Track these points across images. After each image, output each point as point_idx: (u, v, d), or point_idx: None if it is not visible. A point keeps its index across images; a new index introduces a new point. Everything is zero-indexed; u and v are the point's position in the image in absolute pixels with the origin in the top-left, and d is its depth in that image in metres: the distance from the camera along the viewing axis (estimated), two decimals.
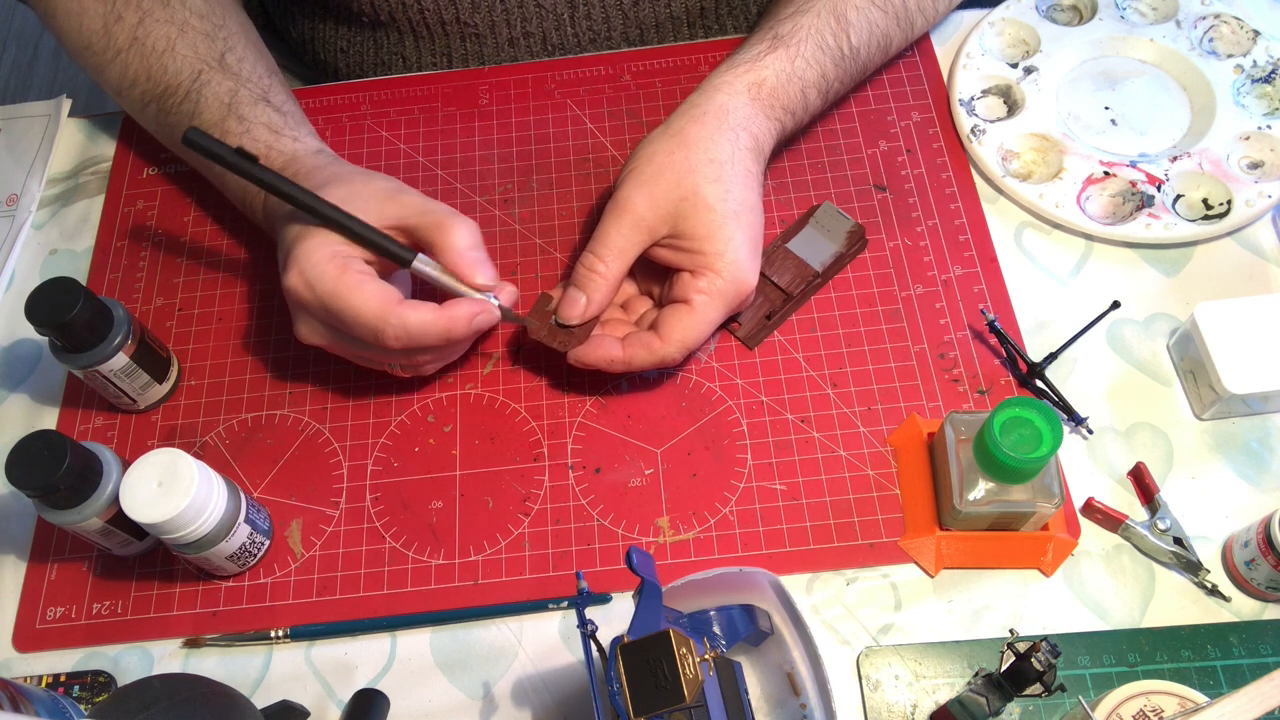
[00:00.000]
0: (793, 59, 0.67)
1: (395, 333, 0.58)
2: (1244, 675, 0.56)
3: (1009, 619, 0.59)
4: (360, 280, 0.59)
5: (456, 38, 0.82)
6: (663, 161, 0.62)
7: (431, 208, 0.62)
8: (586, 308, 0.62)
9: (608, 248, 0.62)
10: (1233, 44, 0.77)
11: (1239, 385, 0.61)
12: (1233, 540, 0.59)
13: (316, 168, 0.64)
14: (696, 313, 0.62)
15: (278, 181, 0.60)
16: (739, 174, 0.63)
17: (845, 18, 0.69)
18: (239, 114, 0.66)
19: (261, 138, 0.66)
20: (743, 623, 0.54)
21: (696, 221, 0.61)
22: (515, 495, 0.64)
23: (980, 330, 0.68)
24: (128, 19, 0.68)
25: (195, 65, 0.68)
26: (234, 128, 0.66)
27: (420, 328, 0.59)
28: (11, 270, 0.75)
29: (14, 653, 0.61)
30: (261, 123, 0.66)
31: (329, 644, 0.61)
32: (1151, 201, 0.70)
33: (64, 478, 0.55)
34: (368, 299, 0.58)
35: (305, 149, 0.67)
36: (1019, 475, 0.56)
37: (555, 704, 0.58)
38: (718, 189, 0.62)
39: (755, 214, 0.64)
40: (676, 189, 0.61)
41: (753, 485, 0.63)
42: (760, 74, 0.66)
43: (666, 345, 0.62)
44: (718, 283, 0.61)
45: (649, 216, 0.62)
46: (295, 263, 0.59)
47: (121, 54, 0.69)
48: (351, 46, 0.85)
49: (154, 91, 0.69)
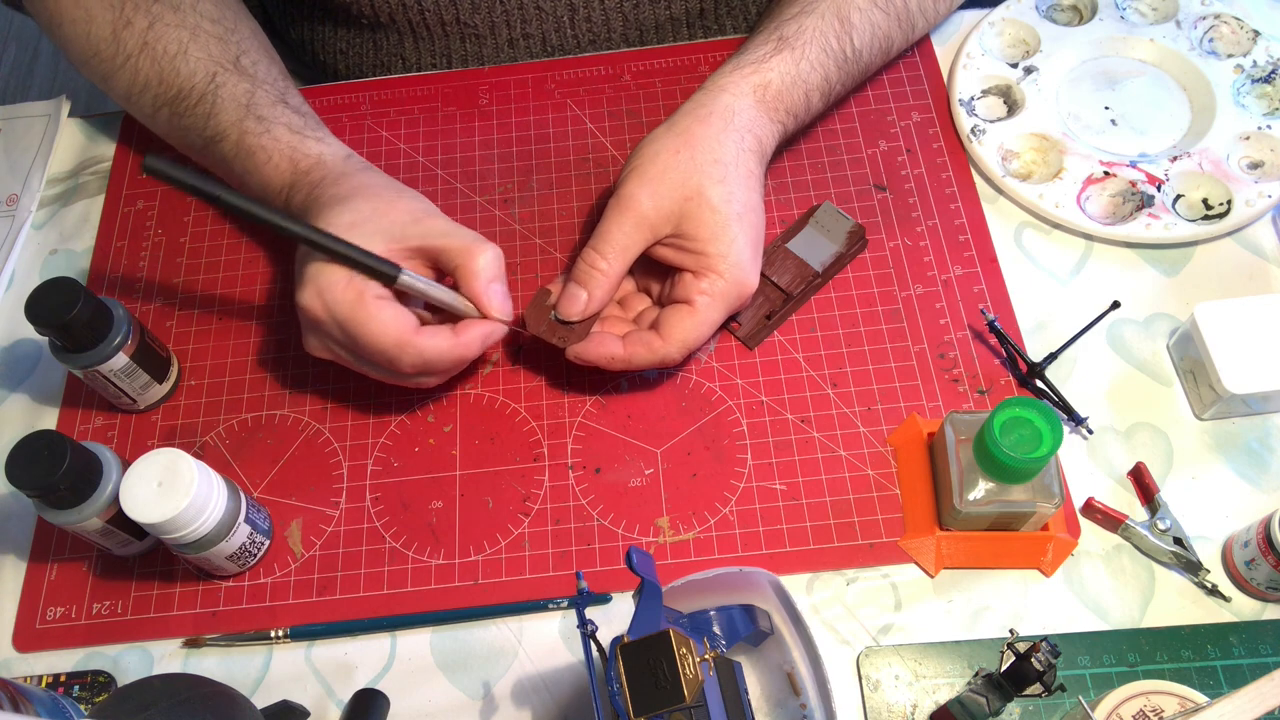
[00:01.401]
0: (797, 61, 0.67)
1: (411, 361, 0.58)
2: (1244, 675, 0.56)
3: (1009, 619, 0.59)
4: (379, 307, 0.58)
5: (456, 39, 0.81)
6: (667, 160, 0.62)
7: (456, 233, 0.61)
8: (587, 304, 0.62)
9: (610, 245, 0.62)
10: (1233, 44, 0.77)
11: (1239, 385, 0.61)
12: (1233, 540, 0.59)
13: (344, 174, 0.64)
14: (698, 313, 0.61)
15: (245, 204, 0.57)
16: (743, 175, 0.63)
17: (849, 20, 0.69)
18: (258, 114, 0.66)
19: (283, 138, 0.65)
20: (743, 623, 0.54)
21: (700, 222, 0.61)
22: (515, 495, 0.64)
23: (980, 330, 0.68)
24: (137, 24, 0.68)
25: (209, 68, 0.67)
26: (253, 128, 0.65)
27: (436, 355, 0.59)
28: (11, 270, 0.75)
29: (14, 653, 0.61)
30: (282, 123, 0.66)
31: (329, 644, 0.61)
32: (1151, 201, 0.70)
33: (64, 478, 0.55)
34: (385, 327, 0.58)
35: (332, 153, 0.66)
36: (1019, 475, 0.56)
37: (555, 704, 0.58)
38: (722, 190, 0.62)
39: (758, 215, 0.64)
40: (681, 189, 0.61)
41: (753, 485, 0.63)
42: (765, 76, 0.66)
43: (667, 345, 0.62)
44: (720, 284, 0.61)
45: (652, 215, 0.61)
46: (311, 282, 0.58)
47: (131, 59, 0.68)
48: (351, 48, 0.84)
49: (166, 95, 0.68)
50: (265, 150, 0.65)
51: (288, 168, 0.65)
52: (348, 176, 0.63)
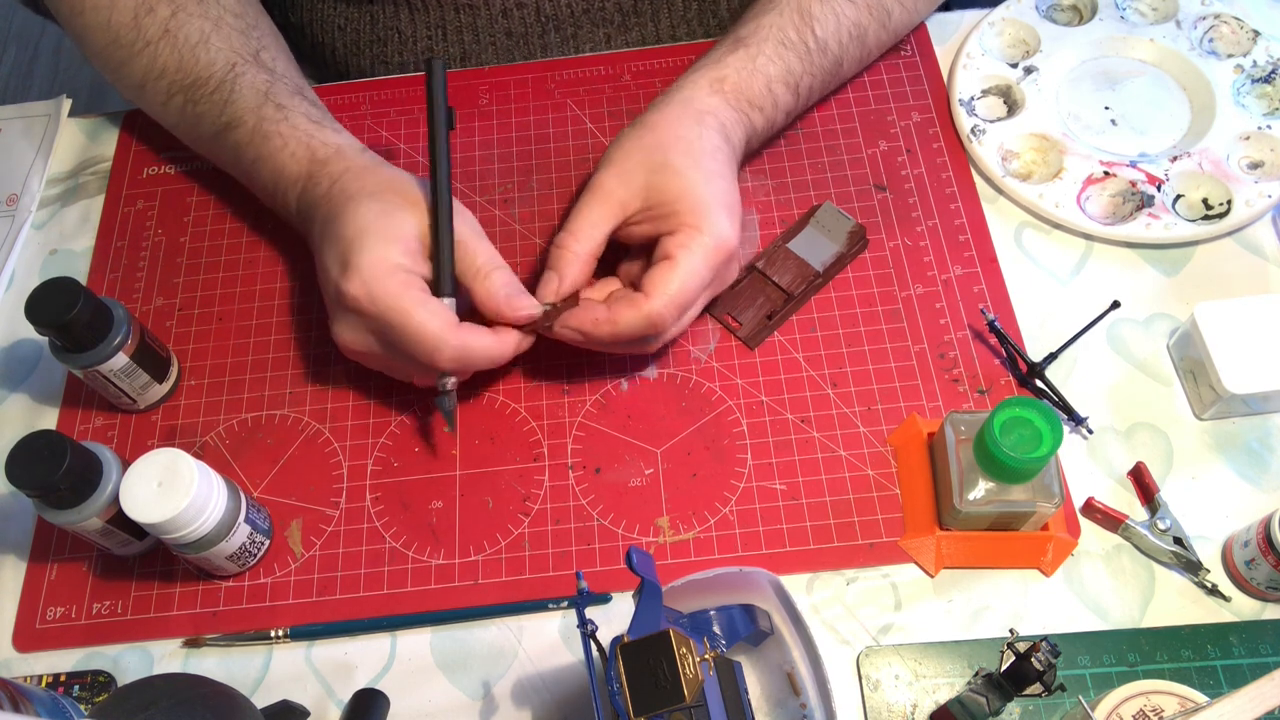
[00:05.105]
0: (754, 57, 0.68)
1: (452, 354, 0.59)
2: (1244, 675, 0.56)
3: (1009, 619, 0.59)
4: (424, 298, 0.59)
5: (450, 9, 0.82)
6: (630, 146, 0.64)
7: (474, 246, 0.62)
8: (560, 286, 0.62)
9: (578, 223, 0.63)
10: (1233, 44, 0.77)
11: (1239, 385, 0.61)
12: (1233, 540, 0.59)
13: (367, 167, 0.64)
14: (678, 265, 0.61)
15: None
16: (707, 148, 0.64)
17: (809, 12, 0.70)
18: (277, 102, 0.67)
19: (302, 126, 0.66)
20: (743, 623, 0.54)
21: (667, 188, 0.62)
22: (515, 495, 0.64)
23: (980, 330, 0.68)
24: (160, 11, 0.69)
25: (230, 58, 0.68)
26: (271, 114, 0.66)
27: (482, 351, 0.60)
28: (11, 270, 0.75)
29: (14, 653, 0.61)
30: (301, 112, 0.67)
31: (329, 644, 0.61)
32: (1151, 201, 0.70)
33: (64, 478, 0.55)
34: (430, 318, 0.58)
35: (350, 144, 0.66)
36: (1019, 475, 0.56)
37: (555, 704, 0.58)
38: (687, 159, 0.63)
39: (727, 181, 0.64)
40: (646, 164, 0.63)
41: (753, 485, 0.63)
42: (721, 71, 0.68)
43: (651, 300, 0.61)
44: (696, 237, 0.61)
45: (619, 192, 0.63)
46: (357, 271, 0.58)
47: (151, 45, 0.69)
48: (349, 24, 0.85)
49: (183, 82, 0.69)
50: (282, 136, 0.66)
51: (305, 156, 0.65)
52: (371, 170, 0.64)
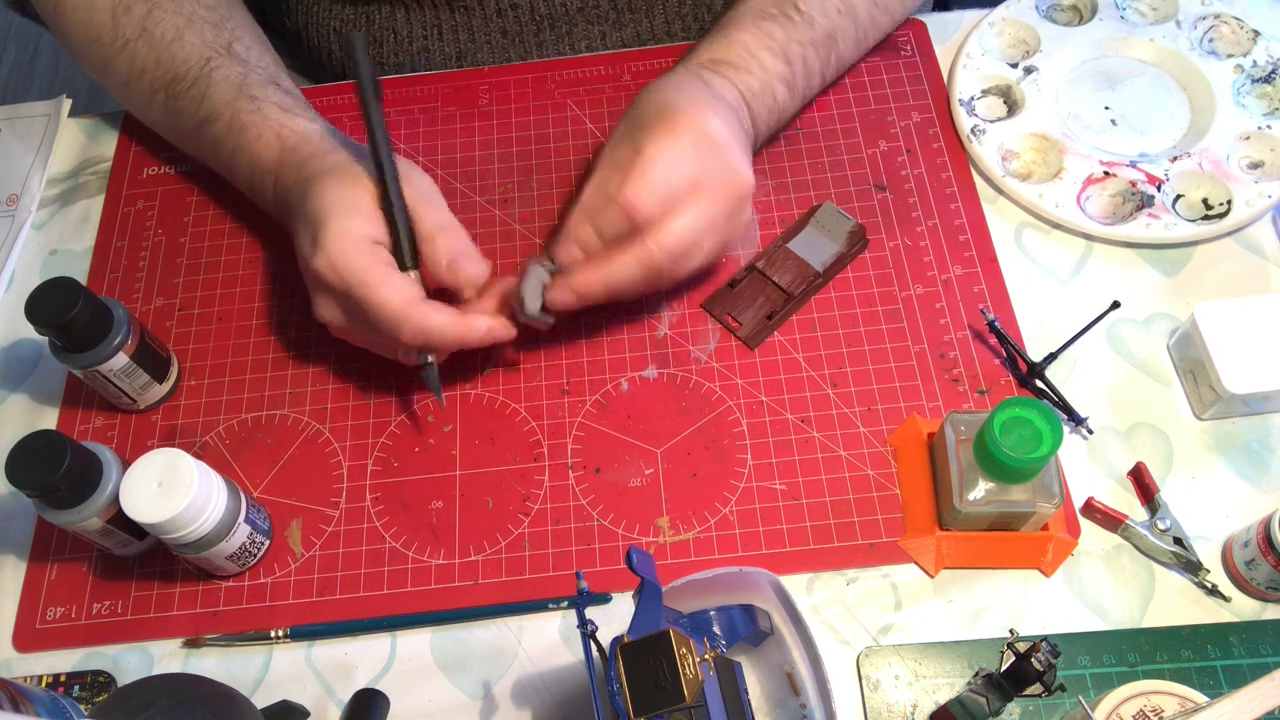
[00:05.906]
0: (728, 35, 0.69)
1: (413, 330, 0.59)
2: (1244, 675, 0.56)
3: (1009, 619, 0.59)
4: (388, 273, 0.59)
5: (445, 9, 0.82)
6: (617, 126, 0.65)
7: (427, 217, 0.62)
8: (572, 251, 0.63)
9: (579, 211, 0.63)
10: (1233, 44, 0.77)
11: (1239, 385, 0.61)
12: (1233, 540, 0.59)
13: (329, 149, 0.65)
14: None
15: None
16: (695, 83, 0.65)
17: None
18: (250, 94, 0.68)
19: (273, 116, 0.67)
20: (743, 623, 0.54)
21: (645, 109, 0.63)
22: (515, 495, 0.64)
23: (980, 330, 0.68)
24: (136, 10, 0.70)
25: (204, 52, 0.69)
26: (245, 106, 0.67)
27: (439, 331, 0.60)
28: (11, 270, 0.75)
29: (14, 653, 0.61)
30: (273, 102, 0.68)
31: (329, 644, 0.61)
32: (1151, 201, 0.70)
33: (64, 478, 0.55)
34: (393, 294, 0.59)
35: (317, 130, 0.67)
36: (1019, 475, 0.56)
37: (555, 704, 0.58)
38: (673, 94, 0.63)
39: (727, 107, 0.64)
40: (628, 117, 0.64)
41: (753, 485, 0.63)
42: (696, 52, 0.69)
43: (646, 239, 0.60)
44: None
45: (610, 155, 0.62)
46: (323, 247, 0.59)
47: (130, 44, 0.70)
48: (344, 25, 0.85)
49: (162, 79, 0.70)
50: (256, 127, 0.67)
51: (275, 144, 0.66)
52: (334, 150, 0.65)
